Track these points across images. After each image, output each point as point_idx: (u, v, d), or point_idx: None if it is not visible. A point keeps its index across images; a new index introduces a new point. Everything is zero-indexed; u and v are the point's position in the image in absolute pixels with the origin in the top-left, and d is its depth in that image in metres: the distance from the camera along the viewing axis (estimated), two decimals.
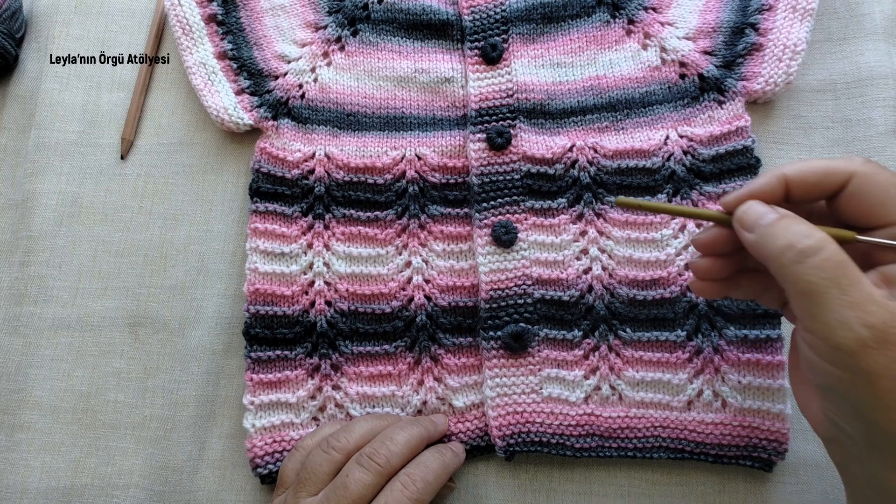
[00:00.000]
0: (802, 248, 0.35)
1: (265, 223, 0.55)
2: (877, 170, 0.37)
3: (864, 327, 0.33)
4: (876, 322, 0.33)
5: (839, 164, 0.38)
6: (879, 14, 0.58)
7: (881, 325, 0.33)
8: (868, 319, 0.33)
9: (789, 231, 0.36)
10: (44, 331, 0.56)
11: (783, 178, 0.38)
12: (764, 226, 0.37)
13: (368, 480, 0.44)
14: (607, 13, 0.58)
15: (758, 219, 0.38)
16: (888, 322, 0.33)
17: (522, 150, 0.55)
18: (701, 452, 0.50)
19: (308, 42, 0.59)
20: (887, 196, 0.36)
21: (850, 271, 0.34)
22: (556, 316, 0.52)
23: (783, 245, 0.36)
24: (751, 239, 0.38)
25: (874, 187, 0.37)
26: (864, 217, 0.37)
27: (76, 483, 0.53)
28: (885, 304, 0.33)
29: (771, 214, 0.37)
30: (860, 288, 0.34)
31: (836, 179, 0.38)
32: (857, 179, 0.37)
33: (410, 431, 0.48)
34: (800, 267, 0.35)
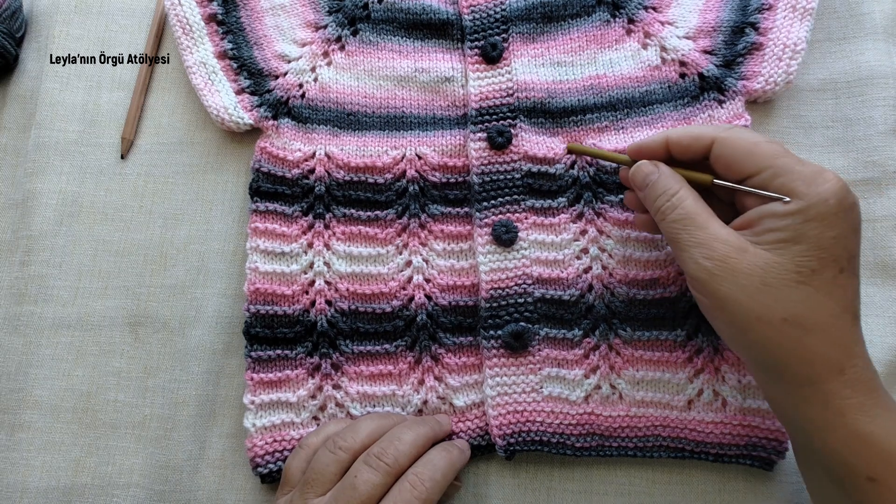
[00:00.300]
0: (664, 209, 0.45)
1: (265, 222, 0.55)
2: (735, 134, 0.45)
3: (708, 260, 0.42)
4: (717, 255, 0.42)
5: (706, 131, 0.46)
6: (879, 14, 0.58)
7: (721, 256, 0.41)
8: (710, 254, 0.42)
9: (659, 192, 0.45)
10: (44, 330, 0.56)
11: (665, 139, 0.47)
12: (647, 186, 0.47)
13: (377, 480, 0.44)
14: (607, 12, 0.58)
15: (643, 178, 0.47)
16: (727, 254, 0.41)
17: (523, 149, 0.55)
18: (701, 451, 0.50)
19: (308, 42, 0.59)
20: (742, 153, 0.44)
21: (699, 218, 0.43)
22: (557, 315, 0.52)
23: (654, 207, 0.46)
24: (641, 196, 0.48)
25: (730, 148, 0.44)
26: (729, 172, 0.45)
27: (76, 482, 0.53)
28: (727, 240, 0.42)
29: (651, 175, 0.47)
30: (706, 230, 0.43)
31: (703, 143, 0.45)
32: (718, 143, 0.45)
33: (417, 430, 0.48)
34: (664, 223, 0.45)
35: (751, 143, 0.44)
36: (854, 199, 0.41)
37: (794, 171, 0.42)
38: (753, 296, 0.41)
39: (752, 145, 0.43)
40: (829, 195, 0.40)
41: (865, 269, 0.54)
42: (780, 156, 0.43)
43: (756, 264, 0.41)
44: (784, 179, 0.42)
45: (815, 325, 0.40)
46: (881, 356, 0.52)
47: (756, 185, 0.43)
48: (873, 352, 0.51)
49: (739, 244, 0.41)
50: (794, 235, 0.40)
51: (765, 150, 0.43)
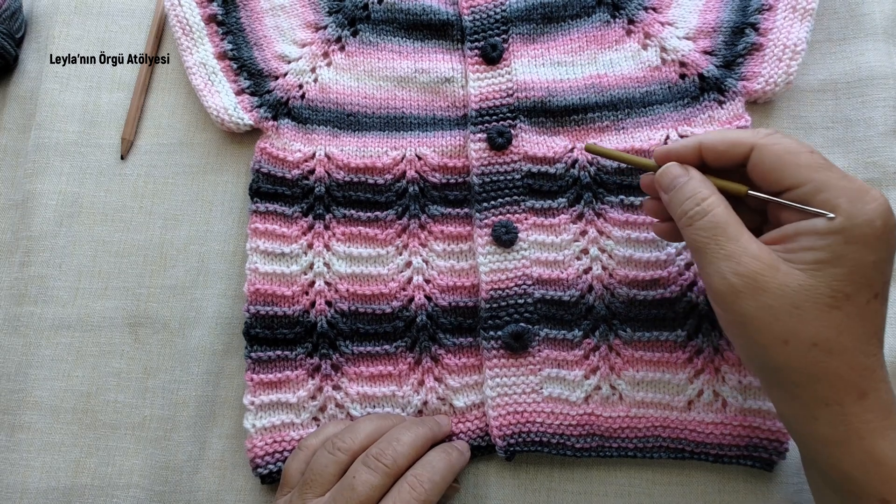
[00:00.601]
0: (692, 214, 0.42)
1: (265, 223, 0.55)
2: (775, 140, 0.41)
3: (736, 276, 0.39)
4: (745, 271, 0.39)
5: (744, 136, 0.42)
6: (879, 14, 0.58)
7: (750, 273, 0.39)
8: (739, 269, 0.39)
9: (687, 197, 0.42)
10: (44, 331, 0.56)
11: (699, 145, 0.44)
12: (674, 189, 0.44)
13: (376, 482, 0.44)
14: (607, 13, 0.58)
15: (671, 181, 0.44)
16: (757, 271, 0.39)
17: (523, 149, 0.55)
18: (701, 452, 0.50)
19: (308, 42, 0.59)
20: (782, 164, 0.41)
21: (730, 229, 0.40)
22: (557, 316, 0.52)
23: (680, 211, 0.43)
24: (665, 199, 0.45)
25: (770, 157, 0.41)
26: (766, 182, 0.42)
27: (76, 483, 0.53)
28: (758, 255, 0.39)
29: (681, 178, 0.43)
30: (736, 243, 0.40)
31: (741, 150, 0.42)
32: (757, 150, 0.41)
33: (416, 431, 0.48)
34: (690, 230, 0.42)
35: (792, 152, 0.40)
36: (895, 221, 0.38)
37: (837, 186, 0.39)
38: (781, 318, 0.38)
39: (794, 156, 0.40)
40: (875, 216, 0.37)
41: None
42: (823, 168, 0.40)
43: (788, 285, 0.38)
44: (827, 195, 0.39)
45: (842, 350, 0.38)
46: None
47: (795, 198, 0.40)
48: None
49: (771, 261, 0.39)
50: (832, 257, 0.38)
51: (807, 161, 0.40)
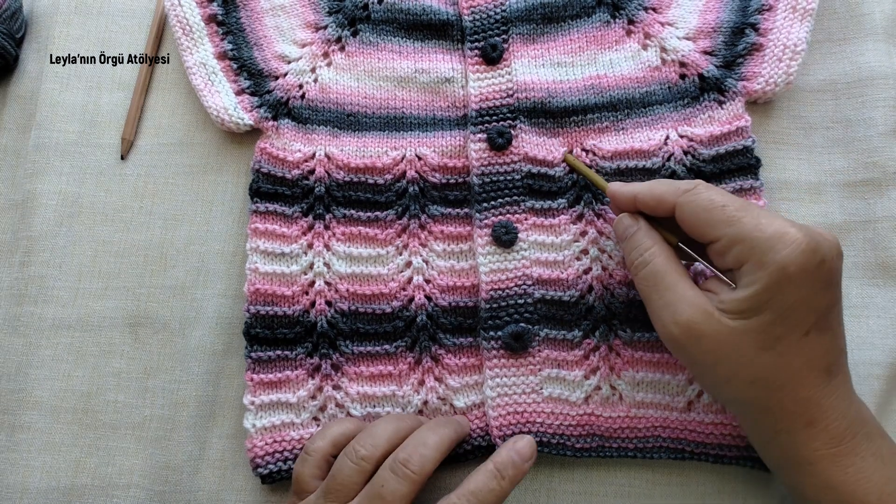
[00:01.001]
0: (637, 264, 0.45)
1: (265, 223, 0.55)
2: (690, 198, 0.43)
3: (674, 324, 0.42)
4: (682, 319, 0.41)
5: (668, 193, 0.45)
6: (879, 14, 0.58)
7: (687, 321, 0.41)
8: (676, 317, 0.42)
9: (634, 247, 0.46)
10: (44, 331, 0.56)
11: (633, 197, 0.47)
12: (625, 240, 0.47)
13: (405, 490, 0.43)
14: (607, 13, 0.58)
15: (623, 231, 0.47)
16: (693, 318, 0.41)
17: (523, 150, 0.55)
18: (701, 453, 0.50)
19: (308, 42, 0.59)
20: (699, 220, 0.43)
21: (668, 278, 0.43)
22: (557, 316, 0.53)
23: (628, 261, 0.46)
24: (620, 247, 0.49)
25: (688, 214, 0.43)
26: (695, 237, 0.44)
27: (76, 483, 0.53)
28: (693, 303, 0.41)
29: (630, 228, 0.47)
30: (674, 291, 0.42)
31: (667, 206, 0.45)
32: (678, 209, 0.44)
33: (441, 433, 0.47)
34: (636, 279, 0.45)
35: (706, 209, 0.42)
36: (825, 252, 0.40)
37: (748, 238, 0.40)
38: (720, 360, 0.41)
39: (707, 212, 0.42)
40: (787, 262, 0.39)
41: (866, 269, 0.54)
42: (734, 222, 0.41)
43: (720, 331, 0.40)
44: (740, 248, 0.41)
45: (781, 386, 0.40)
46: (882, 358, 0.52)
47: (715, 252, 0.43)
48: (873, 353, 0.51)
49: (705, 308, 0.41)
50: (756, 304, 0.40)
51: (718, 216, 0.42)
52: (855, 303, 0.53)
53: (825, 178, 0.56)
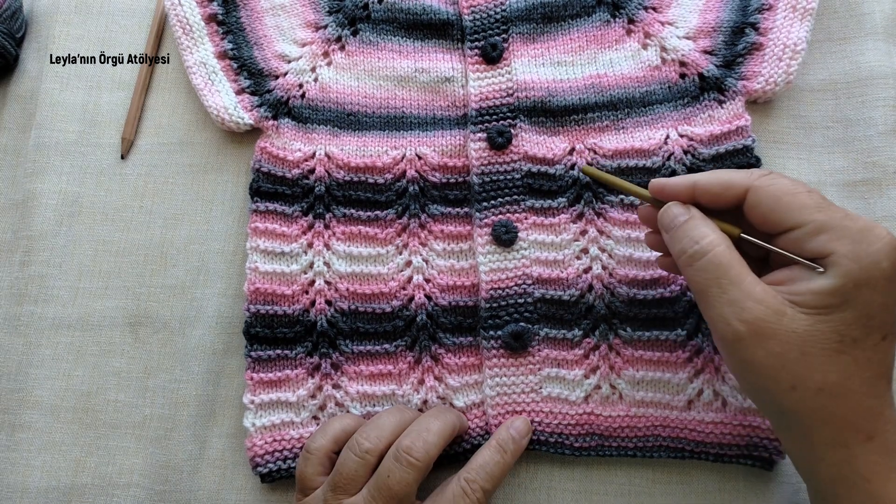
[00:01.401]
0: (691, 253, 0.40)
1: (265, 222, 0.55)
2: (771, 181, 0.40)
3: (741, 322, 0.37)
4: (750, 318, 0.37)
5: (739, 178, 0.41)
6: (879, 14, 0.58)
7: (755, 320, 0.37)
8: (743, 315, 0.37)
9: (687, 235, 0.41)
10: (44, 330, 0.56)
11: (693, 185, 0.43)
12: (674, 228, 0.42)
13: (410, 479, 0.44)
14: (607, 13, 0.58)
15: (671, 220, 0.43)
16: (762, 317, 0.37)
17: (523, 149, 0.55)
18: (701, 451, 0.50)
19: (308, 42, 0.59)
20: (779, 205, 0.39)
21: (732, 271, 0.39)
22: (557, 315, 0.52)
23: (678, 250, 0.41)
24: (666, 238, 0.43)
25: (767, 198, 0.40)
26: (764, 224, 0.41)
27: (77, 482, 0.53)
28: (763, 300, 0.38)
29: (681, 217, 0.42)
30: (740, 286, 0.38)
31: (736, 191, 0.41)
32: (753, 192, 0.40)
33: (444, 419, 0.47)
34: (689, 270, 0.40)
35: (790, 193, 0.39)
36: None
37: (839, 227, 0.37)
38: (788, 364, 0.37)
39: (791, 196, 0.39)
40: (881, 257, 0.36)
41: None
42: (823, 208, 0.38)
43: (794, 331, 0.37)
44: (828, 237, 0.37)
45: (849, 394, 0.37)
46: None
47: (795, 240, 0.39)
48: None
49: (777, 306, 0.37)
50: (839, 301, 0.37)
51: (804, 201, 0.39)
52: None
53: (825, 178, 0.56)
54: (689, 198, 0.43)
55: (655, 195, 0.45)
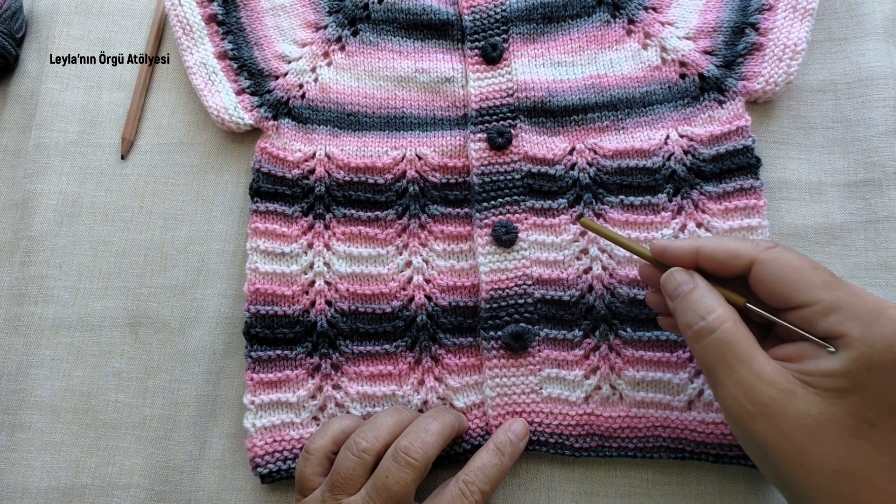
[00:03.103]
0: (697, 329, 0.39)
1: (265, 223, 0.55)
2: (777, 255, 0.39)
3: (750, 403, 0.37)
4: (761, 399, 0.36)
5: (744, 248, 0.40)
6: (880, 14, 0.58)
7: (766, 401, 0.36)
8: (754, 396, 0.37)
9: (692, 308, 0.40)
10: (44, 331, 0.56)
11: (696, 250, 0.42)
12: (678, 297, 0.41)
13: (409, 479, 0.44)
14: (607, 13, 0.58)
15: (675, 288, 0.42)
16: (773, 398, 0.36)
17: (523, 149, 0.55)
18: (702, 452, 0.50)
19: (308, 42, 0.59)
20: (787, 281, 0.38)
21: (741, 350, 0.37)
22: (557, 316, 0.52)
23: (683, 323, 0.40)
24: (671, 306, 0.42)
25: (774, 273, 0.39)
26: (770, 299, 0.39)
27: (77, 483, 0.53)
28: (773, 381, 0.37)
29: (685, 285, 0.41)
30: (749, 366, 0.37)
31: (741, 262, 0.40)
32: (759, 266, 0.39)
33: (443, 420, 0.47)
34: (696, 345, 0.39)
35: (797, 269, 0.38)
36: None
37: (849, 307, 0.36)
38: (801, 446, 0.36)
39: (798, 272, 0.38)
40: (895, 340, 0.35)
41: (867, 269, 0.54)
42: (831, 287, 0.37)
43: (807, 413, 0.36)
44: (838, 318, 0.36)
45: (867, 479, 0.36)
46: None
47: (802, 318, 0.38)
48: None
49: (788, 386, 0.36)
50: (853, 385, 0.35)
51: (812, 279, 0.38)
52: None
53: (825, 178, 0.56)
54: (692, 263, 0.42)
55: (657, 257, 0.44)
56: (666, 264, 0.43)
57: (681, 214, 0.53)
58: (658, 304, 0.46)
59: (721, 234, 0.47)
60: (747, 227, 0.52)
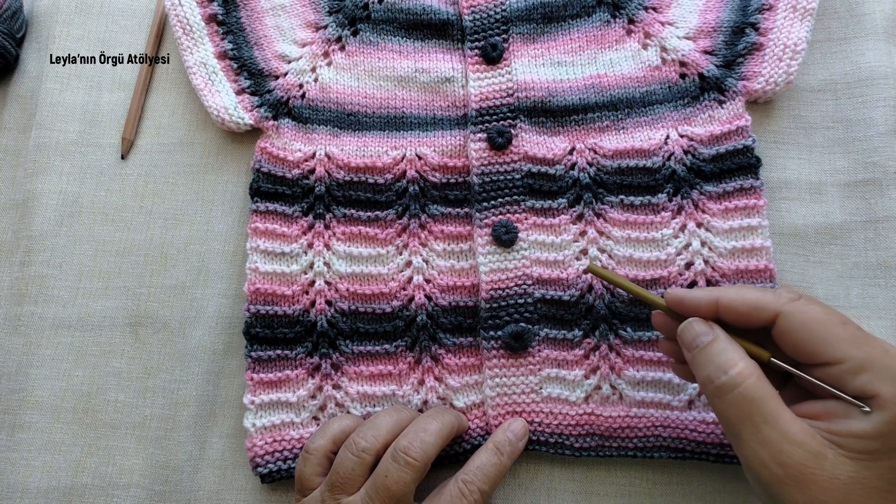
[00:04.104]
0: (719, 385, 0.37)
1: (266, 223, 0.55)
2: (803, 308, 0.37)
3: (778, 465, 0.35)
4: (788, 461, 0.34)
5: (767, 300, 0.38)
6: (879, 14, 0.58)
7: (794, 464, 0.34)
8: (781, 458, 0.35)
9: (712, 362, 0.38)
10: (44, 331, 0.56)
11: (716, 301, 0.40)
12: (697, 349, 0.39)
13: (408, 479, 0.44)
14: (607, 13, 0.58)
15: (693, 339, 0.40)
16: (801, 461, 0.34)
17: (523, 149, 0.55)
18: (702, 452, 0.50)
19: (308, 42, 0.59)
20: (814, 336, 0.37)
21: (766, 408, 0.35)
22: (557, 315, 0.52)
23: (703, 377, 0.38)
24: (688, 357, 0.40)
25: (800, 327, 0.37)
26: (797, 354, 0.38)
27: (77, 483, 0.53)
28: (802, 442, 0.35)
29: (704, 336, 0.39)
30: (775, 426, 0.35)
31: (765, 315, 0.38)
32: (783, 319, 0.38)
33: (442, 420, 0.47)
34: (718, 402, 0.37)
35: (824, 324, 0.37)
36: None
37: (881, 366, 0.35)
38: None
39: (825, 327, 0.37)
40: None
41: (867, 269, 0.54)
42: (861, 343, 0.36)
43: (837, 477, 0.34)
44: (869, 377, 0.35)
45: None
46: None
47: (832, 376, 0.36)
48: None
49: (817, 448, 0.35)
50: (884, 447, 0.34)
51: (841, 335, 0.36)
52: (855, 303, 0.53)
53: (825, 178, 0.56)
54: (710, 314, 0.40)
55: (673, 308, 0.42)
56: (681, 314, 0.41)
57: (681, 214, 0.53)
58: (671, 351, 0.45)
59: (740, 285, 0.45)
60: (747, 227, 0.52)
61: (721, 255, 0.52)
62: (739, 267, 0.51)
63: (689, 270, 0.52)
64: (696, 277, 0.52)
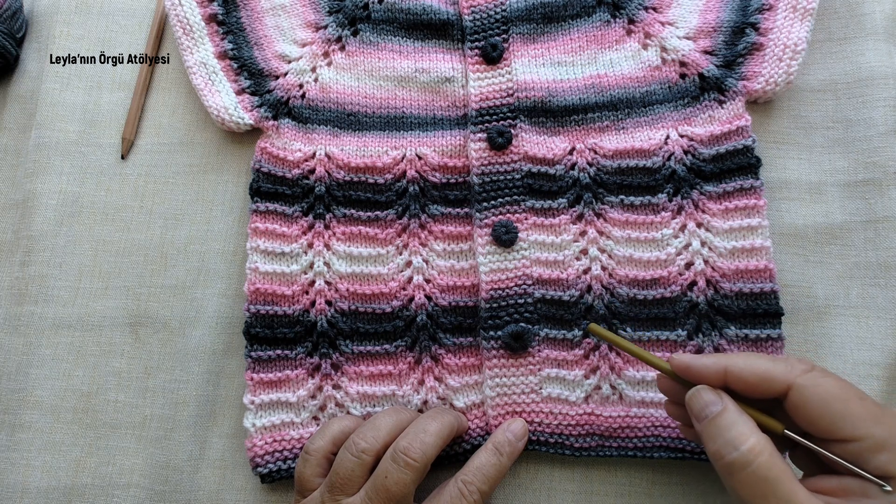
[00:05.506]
0: (731, 461, 0.35)
1: (266, 223, 0.55)
2: (816, 381, 0.36)
3: None
4: None
5: (778, 372, 0.37)
6: (880, 14, 0.58)
7: None
8: None
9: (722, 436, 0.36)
10: (44, 330, 0.56)
11: (724, 370, 0.38)
12: (706, 419, 0.38)
13: (408, 480, 0.44)
14: (608, 13, 0.58)
15: (702, 409, 0.38)
16: None
17: (523, 149, 0.55)
18: (702, 452, 0.50)
19: (308, 42, 0.59)
20: (830, 411, 0.36)
21: (782, 488, 0.34)
22: (557, 315, 0.52)
23: (713, 451, 0.36)
24: (696, 426, 0.39)
25: (815, 401, 0.36)
26: (812, 429, 0.37)
27: (77, 482, 0.53)
28: None
29: (713, 406, 0.38)
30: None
31: (776, 387, 0.37)
32: (797, 392, 0.36)
33: (442, 420, 0.47)
34: (729, 479, 0.36)
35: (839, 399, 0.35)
36: None
37: None
38: None
39: (842, 403, 0.35)
40: None
41: (867, 269, 0.54)
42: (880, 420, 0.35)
43: None
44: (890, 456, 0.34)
45: None
46: (881, 359, 0.52)
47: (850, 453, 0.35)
48: (873, 354, 0.51)
49: None
50: None
51: (858, 411, 0.35)
52: (855, 303, 0.53)
53: (825, 178, 0.56)
54: (719, 383, 0.39)
55: (680, 374, 0.41)
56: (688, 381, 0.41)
57: (681, 214, 0.53)
58: (677, 415, 0.44)
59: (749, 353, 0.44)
60: (747, 227, 0.52)
61: (721, 256, 0.52)
62: (739, 267, 0.51)
63: (689, 270, 0.52)
64: (695, 277, 0.52)
